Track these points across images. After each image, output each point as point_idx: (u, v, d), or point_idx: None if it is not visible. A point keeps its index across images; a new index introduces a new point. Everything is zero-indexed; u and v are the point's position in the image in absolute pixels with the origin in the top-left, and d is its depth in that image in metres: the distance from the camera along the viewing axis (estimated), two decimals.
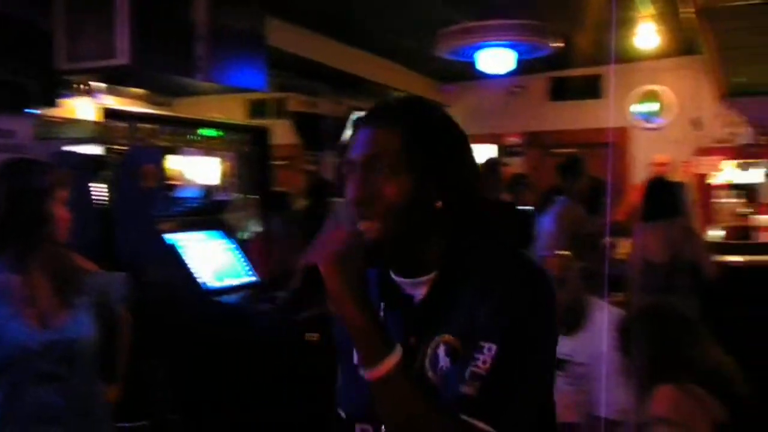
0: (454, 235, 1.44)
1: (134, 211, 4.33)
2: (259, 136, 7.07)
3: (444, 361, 1.38)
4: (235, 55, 4.49)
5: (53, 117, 5.02)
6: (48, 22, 4.18)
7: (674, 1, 5.76)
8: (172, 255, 4.25)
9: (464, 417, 1.28)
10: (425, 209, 1.41)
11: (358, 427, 1.48)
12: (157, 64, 4.09)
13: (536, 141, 9.71)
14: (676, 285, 4.89)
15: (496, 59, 5.88)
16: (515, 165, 9.43)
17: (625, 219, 6.49)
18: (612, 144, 9.26)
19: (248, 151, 5.38)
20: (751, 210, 8.20)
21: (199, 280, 4.23)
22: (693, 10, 5.13)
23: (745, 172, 8.72)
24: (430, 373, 1.39)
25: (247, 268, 4.68)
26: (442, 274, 1.43)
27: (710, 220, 8.07)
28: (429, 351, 1.40)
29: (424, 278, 1.44)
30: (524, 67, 7.42)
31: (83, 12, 4.04)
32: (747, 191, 8.54)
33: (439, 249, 1.44)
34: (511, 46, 5.76)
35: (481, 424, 1.27)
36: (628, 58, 8.32)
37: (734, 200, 8.37)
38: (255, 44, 4.67)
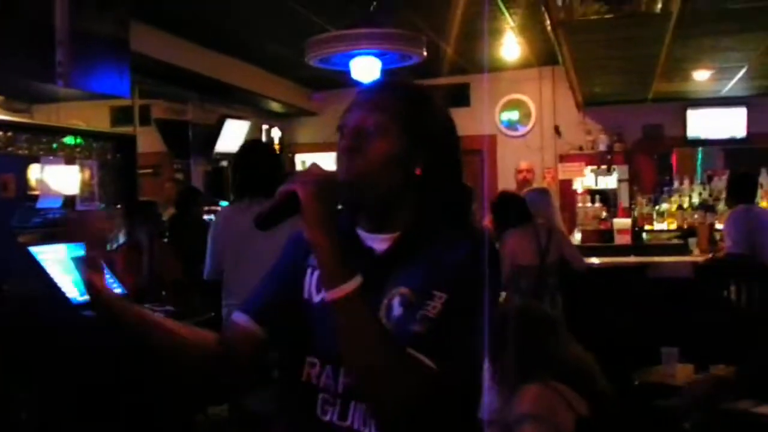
0: (426, 201, 1.57)
1: None
2: (124, 144, 6.88)
3: (398, 310, 1.49)
4: (98, 60, 4.36)
5: None
6: None
7: (535, 13, 5.98)
8: (34, 268, 4.07)
9: (411, 351, 1.39)
10: (405, 171, 1.54)
11: (307, 359, 1.58)
12: (15, 69, 3.92)
13: None
14: (546, 284, 5.10)
15: (363, 68, 5.94)
16: None
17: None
18: (480, 151, 9.53)
19: (112, 159, 5.23)
20: (609, 214, 8.58)
21: (63, 293, 4.08)
22: (551, 23, 5.34)
23: (602, 178, 9.15)
24: (384, 321, 1.48)
25: (112, 280, 4.54)
26: (406, 234, 1.56)
27: (573, 224, 8.39)
28: (385, 301, 1.51)
29: (388, 235, 1.57)
30: (393, 76, 7.53)
31: None
32: (604, 196, 8.96)
33: (408, 211, 1.57)
34: (379, 55, 5.83)
35: (426, 360, 1.38)
36: (494, 67, 8.59)
37: (594, 205, 8.74)
38: (118, 50, 4.54)
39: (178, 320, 4.68)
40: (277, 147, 9.90)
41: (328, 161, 4.67)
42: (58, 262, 4.28)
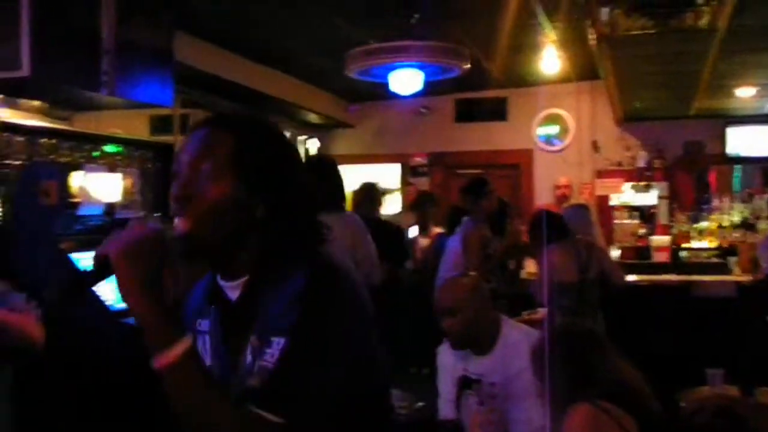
0: (270, 243, 1.47)
1: (34, 228, 4.16)
2: (164, 152, 6.92)
3: (248, 361, 1.42)
4: (142, 70, 4.38)
5: None
6: None
7: (577, 28, 5.93)
8: (74, 274, 4.09)
9: (252, 408, 1.31)
10: (243, 215, 1.45)
11: None
12: (61, 77, 3.95)
13: (441, 161, 9.83)
14: (587, 301, 5.02)
15: (404, 80, 5.93)
16: (420, 185, 9.53)
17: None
18: (517, 165, 9.48)
19: (152, 168, 5.26)
20: (647, 231, 8.49)
21: (103, 300, 4.09)
22: (594, 37, 5.29)
23: (641, 194, 9.04)
24: (247, 378, 1.41)
25: None
26: (252, 278, 1.48)
27: (610, 241, 8.31)
28: (243, 353, 1.44)
29: (238, 281, 1.49)
30: (431, 89, 7.51)
31: None
32: (643, 213, 8.86)
33: (254, 254, 1.48)
34: (420, 68, 5.82)
35: (269, 416, 1.30)
36: (532, 81, 8.52)
37: (632, 221, 8.65)
38: (162, 59, 4.56)
39: None
40: None
41: (364, 172, 4.73)
42: None
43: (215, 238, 1.45)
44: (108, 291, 4.16)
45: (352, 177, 9.85)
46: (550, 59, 7.56)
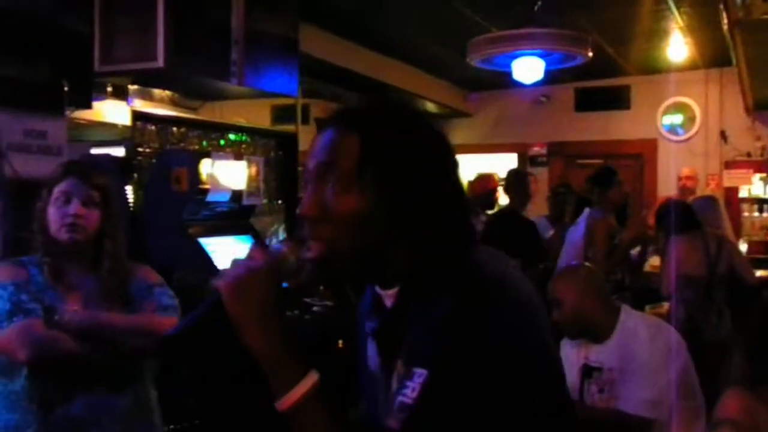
0: (420, 249, 1.28)
1: (165, 214, 4.33)
2: (286, 141, 7.06)
3: (394, 389, 1.24)
4: (269, 60, 4.49)
5: (83, 119, 5.05)
6: (85, 24, 4.19)
7: (707, 12, 5.73)
8: (204, 259, 4.24)
9: None
10: (380, 227, 1.26)
11: None
12: (193, 68, 4.10)
13: (560, 151, 9.68)
14: (713, 296, 4.86)
15: (527, 68, 5.86)
16: (539, 175, 9.41)
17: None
18: (639, 155, 9.24)
19: (275, 156, 5.39)
20: None
21: None
22: (727, 21, 5.09)
23: None
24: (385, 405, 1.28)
25: None
26: (403, 287, 1.30)
27: (738, 235, 8.00)
28: (392, 375, 1.28)
29: (393, 290, 1.31)
30: (551, 77, 7.40)
31: (120, 15, 4.05)
32: None
33: (405, 258, 1.29)
34: (543, 56, 5.74)
35: None
36: (656, 69, 8.29)
37: (761, 214, 8.31)
38: (288, 50, 4.67)
39: (336, 314, 4.80)
40: None
41: (483, 162, 4.72)
42: (225, 254, 4.45)
43: (352, 258, 1.28)
44: None
45: (470, 166, 9.88)
46: (677, 46, 7.34)
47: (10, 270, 2.45)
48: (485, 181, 6.36)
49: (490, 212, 6.99)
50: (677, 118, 9.16)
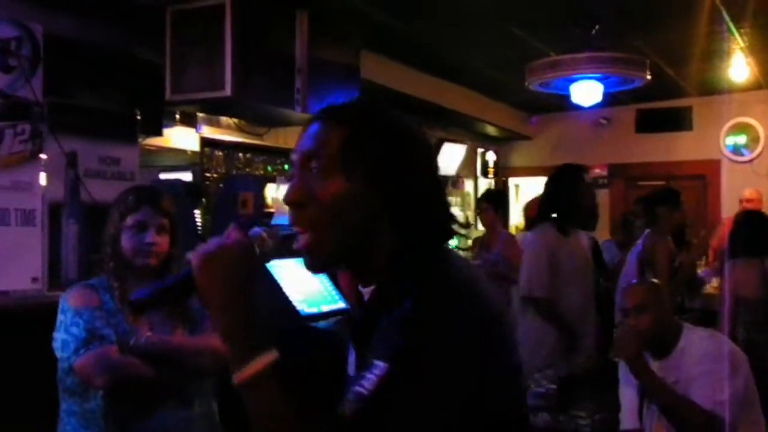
0: (398, 245, 1.30)
1: None
2: None
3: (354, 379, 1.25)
4: (331, 87, 4.62)
5: (154, 146, 5.26)
6: (157, 55, 4.39)
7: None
8: (269, 280, 4.36)
9: None
10: (361, 212, 1.29)
11: None
12: (259, 96, 4.25)
13: (621, 173, 9.64)
14: None
15: (585, 92, 5.90)
16: (600, 197, 9.36)
17: (715, 255, 6.41)
18: (702, 176, 9.15)
19: None
20: None
21: (293, 304, 4.34)
22: None
23: None
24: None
25: (337, 295, 4.77)
26: (379, 286, 1.32)
27: None
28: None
29: (370, 288, 1.34)
30: (612, 99, 7.41)
31: (190, 46, 4.24)
32: None
33: (382, 257, 1.31)
34: (601, 79, 5.77)
35: None
36: (718, 89, 8.22)
37: None
38: (350, 77, 4.80)
39: None
40: (491, 170, 10.00)
41: (541, 184, 4.75)
42: (290, 275, 4.57)
43: (338, 243, 1.30)
44: (299, 297, 4.42)
45: (530, 189, 9.90)
46: (738, 66, 7.28)
47: (84, 295, 2.55)
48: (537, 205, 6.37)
49: None
50: (741, 139, 9.05)
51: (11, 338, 3.46)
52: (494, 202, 5.83)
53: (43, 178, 4.02)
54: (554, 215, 4.32)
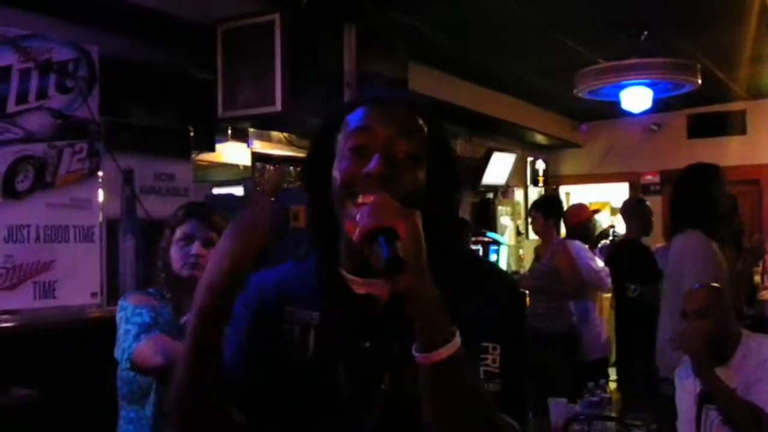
0: (431, 239, 1.23)
1: (283, 250, 4.52)
2: None
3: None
4: None
5: (206, 161, 5.35)
6: (209, 73, 4.48)
7: None
8: None
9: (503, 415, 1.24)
10: (423, 207, 1.24)
11: None
12: (308, 111, 4.30)
13: (674, 179, 9.49)
14: None
15: (634, 98, 5.86)
16: (652, 204, 9.26)
17: None
18: (757, 181, 9.00)
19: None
20: None
21: None
22: None
23: None
24: (409, 380, 1.26)
25: None
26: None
27: None
28: (407, 357, 1.22)
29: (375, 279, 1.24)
30: (663, 105, 7.34)
31: (241, 63, 4.32)
32: None
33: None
34: (650, 85, 5.73)
35: (511, 421, 1.26)
36: None
37: None
38: (399, 89, 4.83)
39: None
40: (541, 179, 9.96)
41: (594, 192, 4.61)
42: None
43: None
44: None
45: (581, 196, 9.83)
46: None
47: (143, 297, 2.64)
48: (579, 212, 6.32)
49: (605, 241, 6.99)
50: None
51: (73, 351, 3.56)
52: (544, 210, 5.78)
53: (100, 195, 4.13)
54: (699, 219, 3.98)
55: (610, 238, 7.77)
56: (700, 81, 5.79)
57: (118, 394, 2.61)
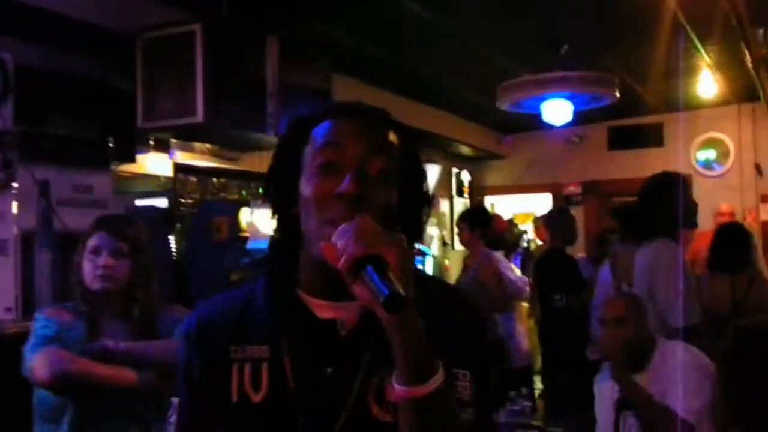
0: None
1: (208, 261, 4.47)
2: None
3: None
4: None
5: (128, 172, 5.25)
6: (129, 83, 4.40)
7: (734, 50, 5.80)
8: None
9: None
10: (391, 228, 1.18)
11: None
12: (231, 121, 4.27)
13: (595, 190, 9.72)
14: None
15: (555, 111, 5.97)
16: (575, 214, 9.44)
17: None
18: None
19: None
20: None
21: None
22: (751, 59, 5.17)
23: None
24: (373, 409, 1.23)
25: None
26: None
27: None
28: (373, 385, 1.23)
29: (351, 302, 1.18)
30: (584, 117, 7.49)
31: (161, 73, 4.26)
32: None
33: None
34: (571, 98, 5.84)
35: None
36: (688, 105, 8.34)
37: None
38: (322, 100, 4.83)
39: None
40: (466, 190, 10.06)
41: (517, 203, 4.65)
42: None
43: None
44: None
45: (505, 207, 9.95)
46: (706, 82, 7.40)
47: (57, 312, 2.62)
48: (495, 223, 6.45)
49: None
50: (711, 154, 9.18)
51: None
52: (470, 221, 5.84)
53: (15, 208, 4.01)
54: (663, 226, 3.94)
55: (524, 245, 7.87)
56: (618, 94, 5.93)
57: (33, 412, 2.55)
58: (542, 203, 9.58)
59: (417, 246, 1.35)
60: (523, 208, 10.03)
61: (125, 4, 4.08)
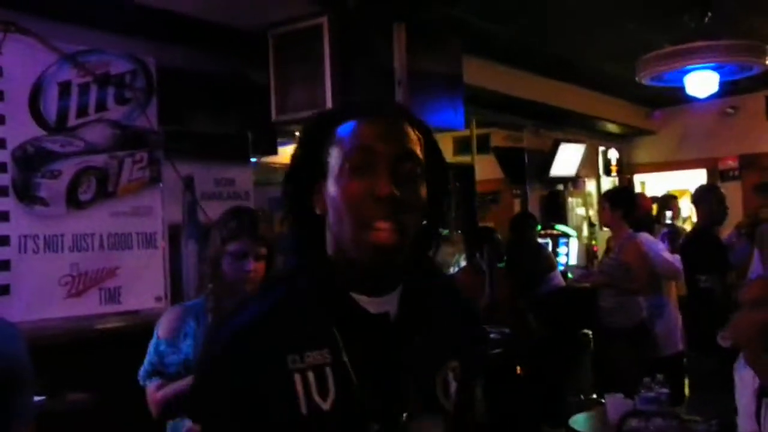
0: (417, 253, 1.31)
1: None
2: (463, 172, 7.18)
3: (453, 386, 1.31)
4: (434, 96, 4.64)
5: (272, 163, 5.44)
6: (264, 78, 4.55)
7: None
8: None
9: None
10: (421, 222, 1.28)
11: None
12: None
13: (754, 163, 9.20)
14: None
15: (699, 83, 5.67)
16: (731, 189, 8.98)
17: None
18: None
19: (452, 187, 5.52)
20: None
21: None
22: None
23: None
24: (443, 401, 1.29)
25: None
26: (407, 290, 1.30)
27: None
28: (438, 378, 1.30)
29: (390, 295, 1.28)
30: (738, 87, 7.10)
31: (292, 67, 4.38)
32: None
33: (403, 264, 1.29)
34: (716, 68, 5.54)
35: None
36: None
37: None
38: (452, 85, 4.80)
39: (513, 341, 4.86)
40: (614, 168, 9.78)
41: (670, 180, 4.47)
42: None
43: (407, 248, 1.26)
44: None
45: (656, 185, 9.61)
46: None
47: (171, 322, 2.70)
48: (639, 202, 6.24)
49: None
50: None
51: (140, 355, 3.66)
52: (612, 201, 5.65)
53: (162, 203, 4.25)
54: None
55: (668, 222, 7.53)
56: None
57: None
58: (697, 179, 9.18)
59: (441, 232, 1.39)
60: (676, 186, 9.65)
61: (256, 2, 4.21)
